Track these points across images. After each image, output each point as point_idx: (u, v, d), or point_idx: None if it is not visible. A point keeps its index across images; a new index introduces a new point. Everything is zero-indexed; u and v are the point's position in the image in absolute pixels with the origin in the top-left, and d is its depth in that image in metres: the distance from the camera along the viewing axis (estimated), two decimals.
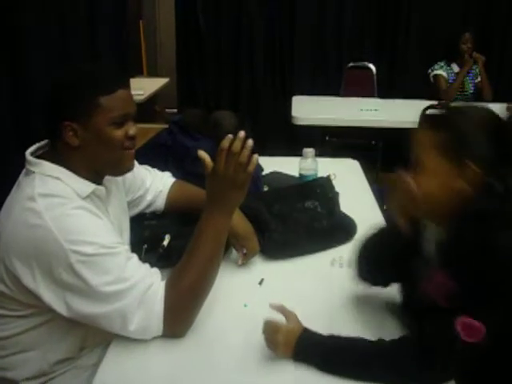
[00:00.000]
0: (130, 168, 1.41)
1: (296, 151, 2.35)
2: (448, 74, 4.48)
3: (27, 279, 1.22)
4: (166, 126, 2.23)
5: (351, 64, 4.97)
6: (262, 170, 2.26)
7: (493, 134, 1.17)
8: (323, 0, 4.98)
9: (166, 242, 1.58)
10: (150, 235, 1.59)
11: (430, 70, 4.54)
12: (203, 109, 4.83)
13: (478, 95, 4.50)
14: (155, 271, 1.32)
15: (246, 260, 1.66)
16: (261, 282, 1.59)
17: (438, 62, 4.51)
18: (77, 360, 1.42)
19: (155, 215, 1.73)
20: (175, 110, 5.63)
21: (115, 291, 1.21)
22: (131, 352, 1.26)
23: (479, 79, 4.51)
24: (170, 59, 5.78)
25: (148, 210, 1.72)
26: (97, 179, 1.36)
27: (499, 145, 1.16)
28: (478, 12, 4.98)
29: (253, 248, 1.65)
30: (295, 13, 4.99)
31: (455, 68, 4.49)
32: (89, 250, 1.20)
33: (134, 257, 1.31)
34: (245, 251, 1.64)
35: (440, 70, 4.48)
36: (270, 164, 2.36)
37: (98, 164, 1.33)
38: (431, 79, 4.53)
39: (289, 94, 4.68)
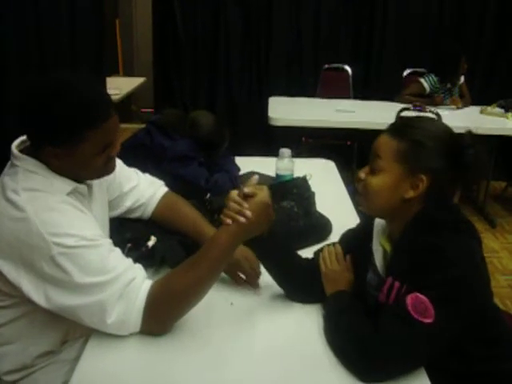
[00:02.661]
0: (109, 173, 1.42)
1: (272, 151, 2.38)
2: (433, 87, 4.48)
3: (8, 270, 1.22)
4: (142, 125, 2.23)
5: (327, 65, 5.02)
6: (239, 170, 2.28)
7: (445, 147, 1.28)
8: (300, 1, 5.02)
9: (150, 243, 1.57)
10: (131, 237, 1.57)
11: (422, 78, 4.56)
12: (180, 109, 4.83)
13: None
14: (139, 266, 1.33)
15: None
16: None
17: (433, 76, 4.49)
18: (58, 354, 1.42)
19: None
20: (151, 110, 5.61)
21: (96, 283, 1.22)
22: (110, 347, 1.26)
23: (462, 80, 4.60)
24: (147, 58, 5.76)
25: (131, 216, 1.69)
26: (78, 179, 1.37)
27: (449, 157, 1.28)
28: (452, 16, 5.07)
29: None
30: (272, 13, 5.02)
31: (448, 85, 4.53)
32: (71, 241, 1.21)
33: (117, 250, 1.31)
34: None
35: (425, 82, 4.50)
36: (247, 164, 2.38)
37: (77, 176, 1.35)
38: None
39: (265, 95, 4.70)
